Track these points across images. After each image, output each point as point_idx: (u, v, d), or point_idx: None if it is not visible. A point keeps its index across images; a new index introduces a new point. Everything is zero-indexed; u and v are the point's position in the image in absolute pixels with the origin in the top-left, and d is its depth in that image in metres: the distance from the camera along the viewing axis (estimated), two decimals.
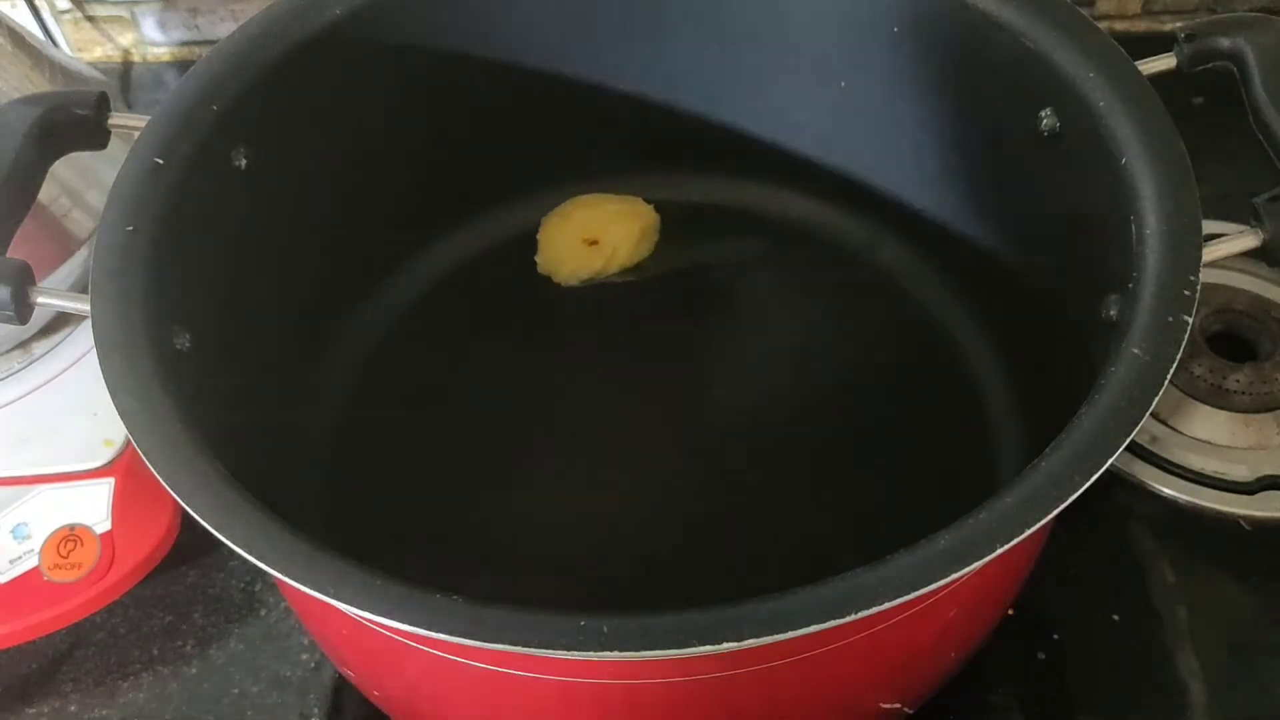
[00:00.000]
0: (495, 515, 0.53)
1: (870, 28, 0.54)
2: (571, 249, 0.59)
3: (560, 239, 0.60)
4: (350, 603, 0.34)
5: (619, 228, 0.60)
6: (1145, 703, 0.50)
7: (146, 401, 0.39)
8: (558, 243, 0.60)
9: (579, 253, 0.59)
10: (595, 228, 0.59)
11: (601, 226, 0.60)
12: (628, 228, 0.60)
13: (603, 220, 0.60)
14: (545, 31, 0.57)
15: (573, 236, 0.60)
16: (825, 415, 0.55)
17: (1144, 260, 0.40)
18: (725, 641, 0.32)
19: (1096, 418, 0.36)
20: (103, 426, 0.55)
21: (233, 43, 0.49)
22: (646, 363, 0.58)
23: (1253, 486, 0.54)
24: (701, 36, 0.57)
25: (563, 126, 0.60)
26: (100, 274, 0.42)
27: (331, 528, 0.50)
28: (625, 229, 0.60)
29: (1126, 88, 0.44)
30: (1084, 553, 0.54)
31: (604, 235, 0.59)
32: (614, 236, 0.59)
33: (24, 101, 0.47)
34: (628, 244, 0.59)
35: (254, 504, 0.37)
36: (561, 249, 0.60)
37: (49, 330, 0.59)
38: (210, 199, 0.47)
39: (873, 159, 0.59)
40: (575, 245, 0.59)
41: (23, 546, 0.53)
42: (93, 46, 0.82)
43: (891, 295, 0.59)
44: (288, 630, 0.54)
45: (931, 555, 0.34)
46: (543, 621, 0.33)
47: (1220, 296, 0.60)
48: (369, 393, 0.57)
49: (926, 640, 0.42)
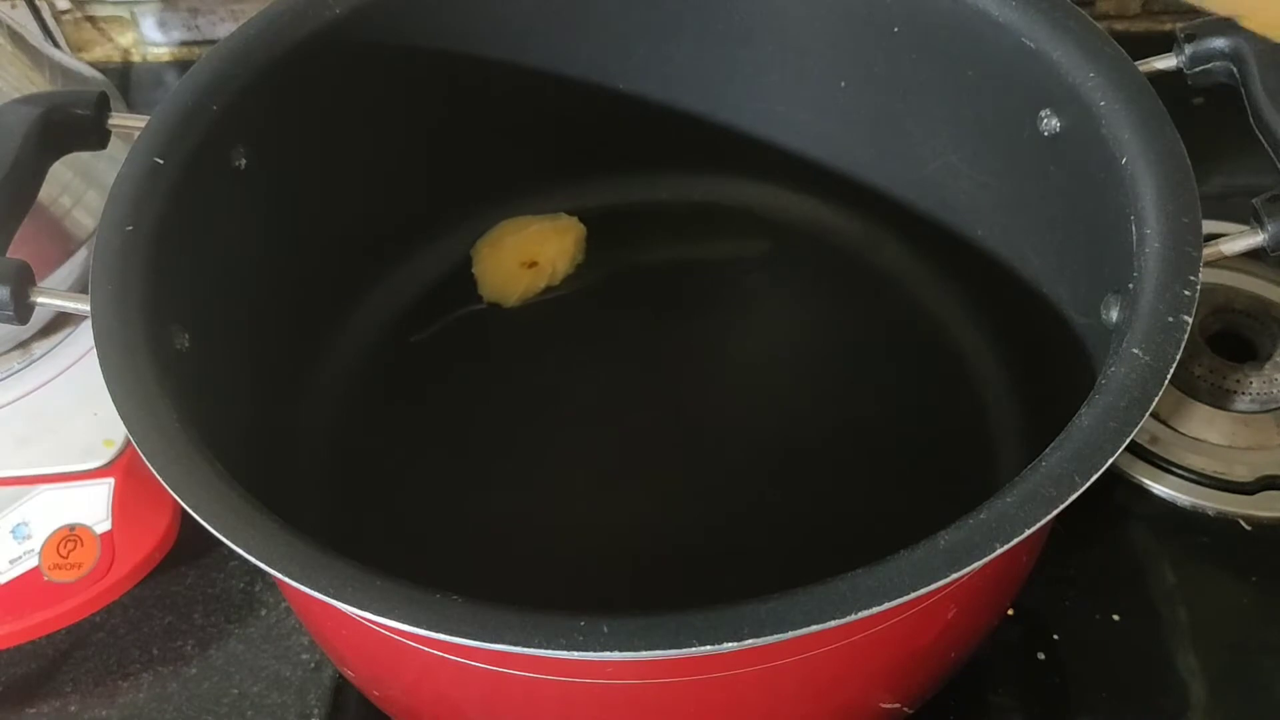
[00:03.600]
0: (495, 515, 0.53)
1: (870, 27, 0.54)
2: (513, 274, 0.60)
3: (498, 266, 0.60)
4: (350, 603, 0.34)
5: (553, 245, 0.60)
6: (1145, 703, 0.50)
7: (146, 401, 0.39)
8: (497, 270, 0.60)
9: (521, 276, 0.60)
10: (531, 249, 0.60)
11: (537, 247, 0.60)
12: (561, 243, 0.61)
13: (535, 240, 0.61)
14: (545, 31, 0.57)
15: (511, 261, 0.60)
16: (825, 415, 0.56)
17: (1144, 260, 0.40)
18: (725, 641, 0.32)
19: (1096, 418, 0.36)
20: (103, 426, 0.55)
21: (233, 43, 0.49)
22: (646, 363, 0.58)
23: (1253, 486, 0.54)
24: (702, 36, 0.57)
25: (562, 126, 0.60)
26: (100, 274, 0.42)
27: (331, 528, 0.50)
28: (559, 245, 0.61)
29: (1126, 88, 0.44)
30: (1084, 552, 0.54)
31: (541, 255, 0.60)
32: (550, 254, 0.60)
33: (24, 101, 0.47)
34: (564, 259, 0.61)
35: (254, 504, 0.37)
36: (502, 275, 0.60)
37: (49, 330, 0.59)
38: (210, 199, 0.47)
39: (873, 159, 0.59)
40: (515, 270, 0.60)
41: (23, 546, 0.53)
42: (93, 46, 0.82)
43: (891, 295, 0.59)
44: (288, 630, 0.54)
45: (931, 555, 0.34)
46: (543, 621, 0.33)
47: (1220, 296, 0.60)
48: (368, 393, 0.57)
49: (926, 640, 0.42)
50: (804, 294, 0.61)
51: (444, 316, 0.60)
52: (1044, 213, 0.50)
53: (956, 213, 0.56)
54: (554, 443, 0.56)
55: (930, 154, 0.56)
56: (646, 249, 0.63)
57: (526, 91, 0.58)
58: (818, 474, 0.54)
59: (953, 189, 0.56)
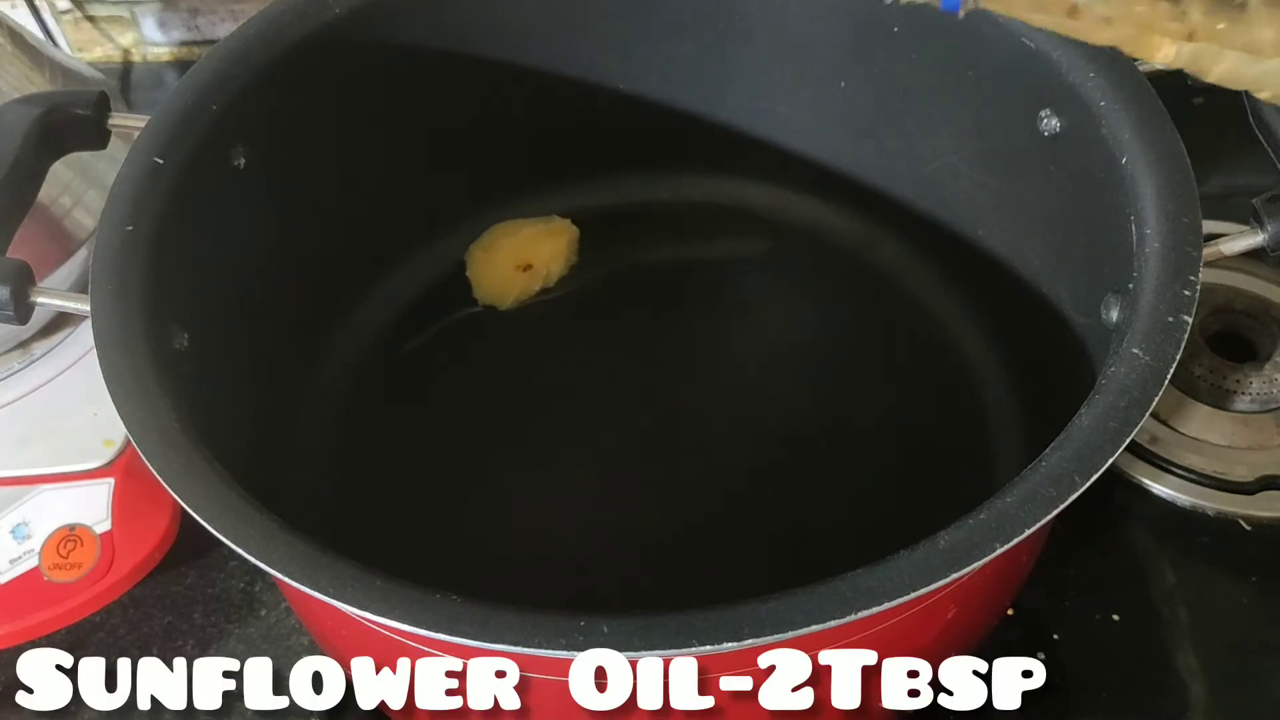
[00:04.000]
0: (495, 515, 0.53)
1: (870, 27, 0.54)
2: (509, 277, 0.60)
3: (493, 269, 0.60)
4: (350, 603, 0.34)
5: (546, 248, 0.61)
6: (1145, 703, 0.50)
7: (146, 401, 0.39)
8: (492, 273, 0.60)
9: (516, 279, 0.60)
10: (526, 252, 0.60)
11: (531, 250, 0.61)
12: (555, 245, 0.61)
13: (530, 243, 0.61)
14: (545, 31, 0.57)
15: (505, 265, 0.60)
16: (825, 415, 0.56)
17: (1144, 260, 0.40)
18: (725, 641, 0.32)
19: (1096, 418, 0.36)
20: (103, 426, 0.55)
21: (233, 43, 0.49)
22: (646, 363, 0.58)
23: (1253, 486, 0.54)
24: (702, 36, 0.57)
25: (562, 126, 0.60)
26: (100, 274, 0.42)
27: (331, 528, 0.50)
28: (553, 247, 0.61)
29: (1126, 88, 0.44)
30: (1084, 552, 0.54)
31: (535, 258, 0.60)
32: (544, 256, 0.60)
33: (24, 101, 0.47)
34: (559, 261, 0.61)
35: (254, 504, 0.37)
36: (498, 278, 0.60)
37: (49, 330, 0.59)
38: (210, 199, 0.47)
39: (873, 159, 0.59)
40: (510, 273, 0.60)
41: (23, 546, 0.53)
42: (93, 46, 0.82)
43: (891, 295, 0.59)
44: (288, 630, 0.54)
45: (931, 555, 0.34)
46: (543, 621, 0.33)
47: (1220, 296, 0.60)
48: (368, 393, 0.57)
49: (926, 640, 0.41)
50: (804, 294, 0.61)
51: (444, 316, 0.60)
52: (1044, 213, 0.50)
53: (956, 213, 0.56)
54: (554, 442, 0.56)
55: (930, 154, 0.56)
56: (646, 249, 0.63)
57: (526, 91, 0.58)
58: (817, 474, 0.54)
59: (953, 189, 0.56)
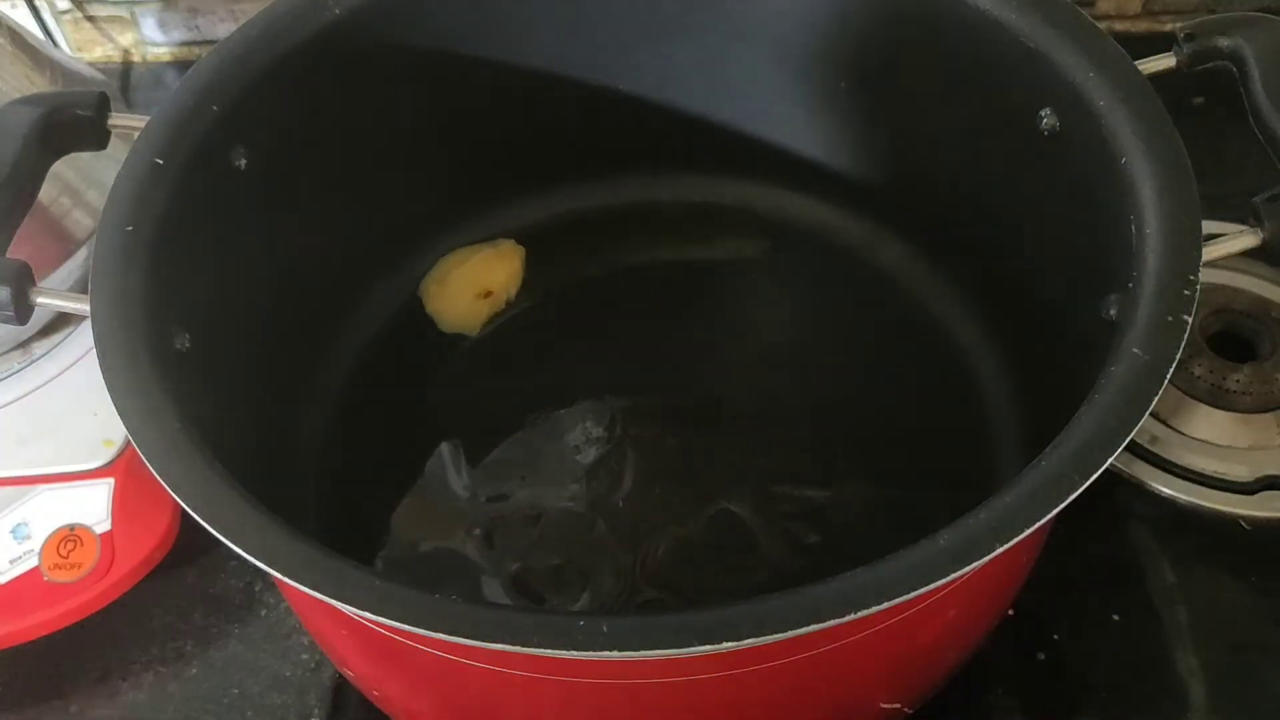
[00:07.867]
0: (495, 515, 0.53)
1: (869, 27, 0.54)
2: (470, 306, 0.60)
3: (453, 301, 0.60)
4: (350, 603, 0.34)
5: (502, 271, 0.61)
6: (1145, 703, 0.50)
7: (146, 401, 0.39)
8: (453, 305, 0.60)
9: (479, 306, 0.60)
10: (481, 279, 0.60)
11: (488, 275, 0.61)
12: (510, 268, 0.61)
13: (484, 269, 0.61)
14: (545, 32, 0.57)
15: (465, 294, 0.60)
16: (825, 415, 0.56)
17: (1144, 260, 0.40)
18: (725, 641, 0.32)
19: (1096, 418, 0.36)
20: (103, 426, 0.55)
21: (233, 43, 0.49)
22: (646, 362, 0.58)
23: (1253, 486, 0.54)
24: (702, 36, 0.57)
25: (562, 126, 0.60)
26: (100, 274, 0.42)
27: (331, 528, 0.50)
28: (508, 270, 0.61)
29: (1126, 88, 0.44)
30: (1084, 553, 0.54)
31: (493, 283, 0.60)
32: (501, 280, 0.61)
33: (24, 102, 0.47)
34: (515, 282, 0.61)
35: (254, 504, 0.37)
36: (459, 309, 0.60)
37: (49, 330, 0.59)
38: (210, 199, 0.47)
39: (873, 159, 0.59)
40: (470, 301, 0.60)
41: (23, 546, 0.53)
42: (93, 46, 0.82)
43: (891, 295, 0.59)
44: (288, 630, 0.54)
45: (931, 555, 0.34)
46: (543, 621, 0.33)
47: (1220, 296, 0.60)
48: (368, 393, 0.57)
49: (926, 640, 0.42)
50: (804, 294, 0.61)
51: None
52: (1044, 212, 0.50)
53: (956, 213, 0.56)
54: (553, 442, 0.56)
55: (930, 154, 0.56)
56: (646, 249, 0.63)
57: (526, 92, 0.58)
58: (817, 474, 0.54)
59: (952, 189, 0.56)
